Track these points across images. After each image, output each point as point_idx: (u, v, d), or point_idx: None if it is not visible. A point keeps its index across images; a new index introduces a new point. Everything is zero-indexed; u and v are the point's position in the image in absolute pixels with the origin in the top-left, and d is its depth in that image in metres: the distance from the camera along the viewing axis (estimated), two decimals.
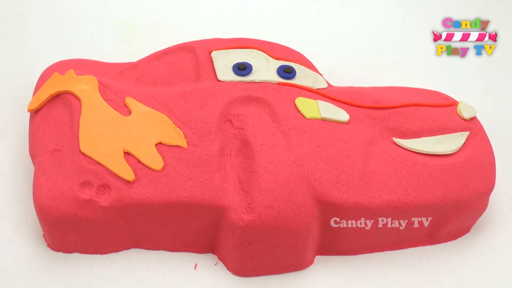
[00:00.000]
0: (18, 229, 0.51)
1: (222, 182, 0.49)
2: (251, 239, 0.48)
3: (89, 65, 0.56)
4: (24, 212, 0.52)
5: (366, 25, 0.67)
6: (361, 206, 0.49)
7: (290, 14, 0.69)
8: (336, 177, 0.49)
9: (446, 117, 0.54)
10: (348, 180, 0.49)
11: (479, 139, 0.54)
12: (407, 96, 0.56)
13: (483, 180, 0.52)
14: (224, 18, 0.69)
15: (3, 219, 0.52)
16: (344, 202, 0.48)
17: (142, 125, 0.50)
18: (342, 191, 0.49)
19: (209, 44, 0.57)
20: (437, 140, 0.52)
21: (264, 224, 0.47)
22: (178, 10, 0.69)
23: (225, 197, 0.48)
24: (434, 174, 0.51)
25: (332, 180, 0.49)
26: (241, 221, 0.47)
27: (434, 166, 0.51)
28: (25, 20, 0.65)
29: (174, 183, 0.48)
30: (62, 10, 0.66)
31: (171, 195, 0.48)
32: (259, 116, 0.52)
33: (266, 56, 0.56)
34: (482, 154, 0.53)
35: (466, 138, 0.53)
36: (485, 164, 0.53)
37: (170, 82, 0.54)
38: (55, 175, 0.49)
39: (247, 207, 0.48)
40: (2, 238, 0.51)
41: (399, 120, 0.53)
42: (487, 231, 0.55)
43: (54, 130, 0.51)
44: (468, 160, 0.52)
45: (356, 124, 0.53)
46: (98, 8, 0.67)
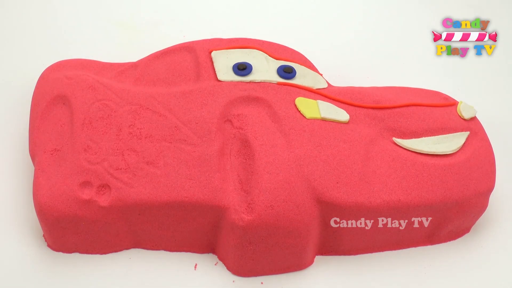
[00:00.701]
0: (18, 229, 0.51)
1: (222, 182, 0.49)
2: (251, 239, 0.48)
3: (89, 65, 0.56)
4: (24, 212, 0.52)
5: (366, 25, 0.67)
6: (361, 206, 0.49)
7: (290, 14, 0.69)
8: (336, 177, 0.49)
9: (446, 117, 0.54)
10: (348, 180, 0.49)
11: (479, 139, 0.54)
12: (407, 96, 0.56)
13: (483, 180, 0.52)
14: (224, 18, 0.69)
15: (3, 219, 0.52)
16: (344, 202, 0.48)
17: None
18: (342, 191, 0.49)
19: (209, 44, 0.57)
20: (437, 140, 0.52)
21: (264, 224, 0.47)
22: (178, 10, 0.69)
23: (225, 197, 0.48)
24: (434, 174, 0.51)
25: (332, 180, 0.49)
26: (241, 221, 0.47)
27: (434, 166, 0.51)
28: (25, 19, 0.65)
29: (174, 183, 0.48)
30: (62, 10, 0.66)
31: (171, 195, 0.48)
32: (259, 116, 0.52)
33: (266, 56, 0.56)
34: (482, 154, 0.53)
35: (466, 138, 0.53)
36: (485, 164, 0.53)
37: (170, 82, 0.54)
38: (55, 175, 0.49)
39: (247, 207, 0.48)
40: (2, 238, 0.51)
41: (399, 120, 0.53)
42: (487, 231, 0.55)
43: (54, 130, 0.51)
44: (468, 160, 0.52)
45: (356, 124, 0.53)
46: (98, 8, 0.67)
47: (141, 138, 0.50)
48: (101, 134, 0.50)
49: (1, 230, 0.51)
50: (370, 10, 0.68)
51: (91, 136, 0.50)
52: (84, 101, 0.52)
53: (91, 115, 0.51)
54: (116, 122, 0.51)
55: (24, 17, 0.65)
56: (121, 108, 0.52)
